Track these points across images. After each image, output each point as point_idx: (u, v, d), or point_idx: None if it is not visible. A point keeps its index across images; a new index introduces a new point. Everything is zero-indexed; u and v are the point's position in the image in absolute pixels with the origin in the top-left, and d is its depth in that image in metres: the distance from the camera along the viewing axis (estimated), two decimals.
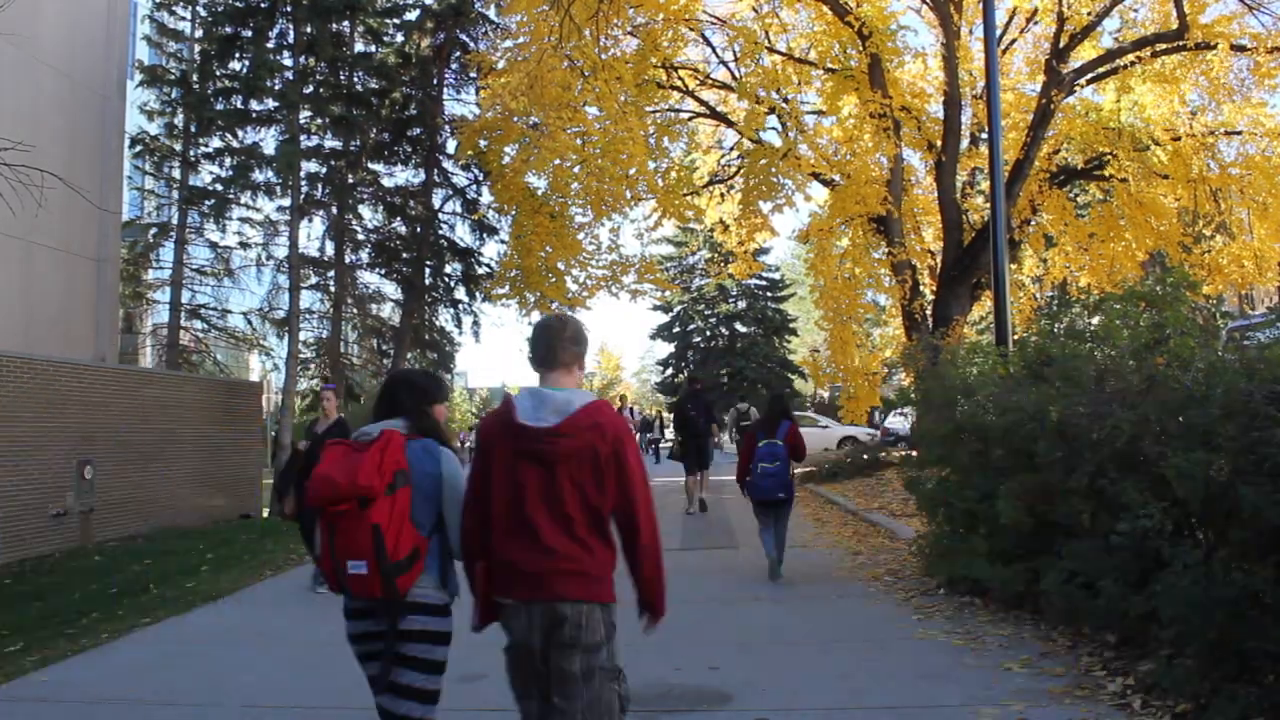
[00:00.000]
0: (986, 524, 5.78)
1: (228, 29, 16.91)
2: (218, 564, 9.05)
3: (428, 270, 18.64)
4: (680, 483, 12.61)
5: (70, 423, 11.30)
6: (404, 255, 18.48)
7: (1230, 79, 14.38)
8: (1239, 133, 14.54)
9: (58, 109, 13.81)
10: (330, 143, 17.94)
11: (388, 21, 18.93)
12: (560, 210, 14.89)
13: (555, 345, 2.73)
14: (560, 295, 15.27)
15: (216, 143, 17.84)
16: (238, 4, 17.00)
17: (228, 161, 17.46)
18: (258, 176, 17.16)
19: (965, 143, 15.78)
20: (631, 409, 25.25)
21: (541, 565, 2.56)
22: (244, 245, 19.04)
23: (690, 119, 17.06)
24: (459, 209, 19.27)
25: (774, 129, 16.02)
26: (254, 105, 17.53)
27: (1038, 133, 14.05)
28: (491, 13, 18.85)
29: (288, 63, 17.38)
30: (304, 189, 17.37)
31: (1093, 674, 4.35)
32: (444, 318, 19.85)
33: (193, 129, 17.78)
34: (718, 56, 16.15)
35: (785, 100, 15.45)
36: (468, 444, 19.12)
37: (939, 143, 14.29)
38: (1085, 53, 14.89)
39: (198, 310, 19.68)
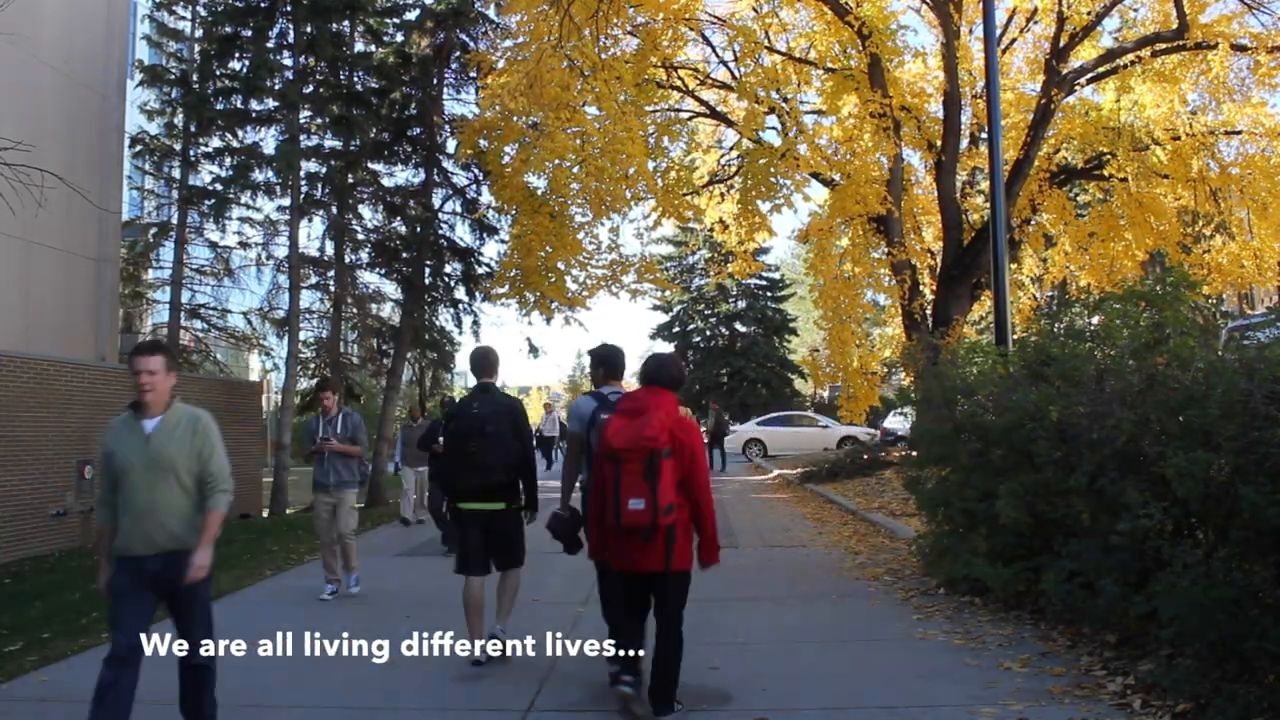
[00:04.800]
0: (986, 524, 5.78)
1: (228, 29, 16.88)
2: (218, 564, 8.93)
3: (427, 270, 18.62)
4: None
5: (70, 423, 11.29)
6: (404, 255, 18.44)
7: (1230, 79, 14.39)
8: (1239, 133, 14.55)
9: (58, 109, 13.80)
10: (330, 143, 17.90)
11: (387, 21, 18.90)
12: (560, 210, 14.89)
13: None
14: (560, 295, 15.27)
15: (216, 142, 17.81)
16: (238, 4, 16.98)
17: (228, 161, 17.43)
18: (258, 176, 17.12)
19: (965, 142, 15.78)
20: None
21: None
22: (244, 245, 19.01)
23: (690, 119, 17.06)
24: (459, 209, 19.25)
25: (774, 129, 16.03)
26: (254, 105, 17.49)
27: (1038, 132, 14.06)
28: (491, 13, 18.82)
29: (288, 62, 17.35)
30: (304, 189, 17.35)
31: (1093, 674, 4.35)
32: (444, 317, 19.82)
33: (193, 129, 17.75)
34: (718, 56, 16.17)
35: (785, 100, 15.45)
36: None
37: (939, 142, 14.30)
38: (1085, 52, 14.90)
39: (198, 310, 19.65)
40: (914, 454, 8.00)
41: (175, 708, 4.56)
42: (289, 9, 16.86)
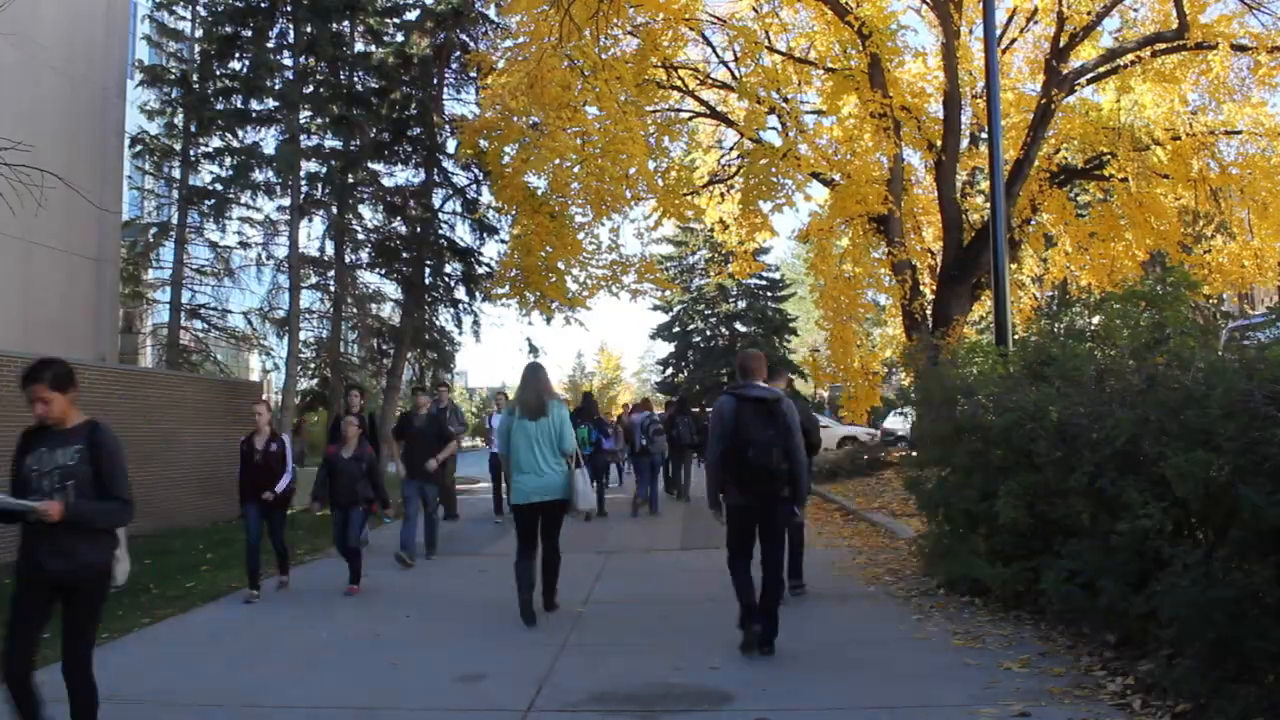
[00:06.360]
0: (986, 524, 5.79)
1: (228, 29, 16.89)
2: (218, 564, 9.04)
3: (428, 270, 18.62)
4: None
5: None
6: (404, 255, 18.45)
7: (1230, 79, 14.36)
8: (1239, 133, 14.53)
9: (58, 109, 13.79)
10: (330, 143, 17.91)
11: (388, 21, 18.90)
12: (560, 210, 14.88)
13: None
14: (560, 295, 15.27)
15: (216, 142, 17.80)
16: (238, 4, 16.98)
17: (228, 161, 17.42)
18: (258, 176, 17.12)
19: (965, 142, 15.76)
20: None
21: None
22: (244, 245, 19.01)
23: (690, 119, 17.05)
24: (459, 209, 19.25)
25: (774, 129, 16.02)
26: (254, 105, 17.49)
27: (1038, 132, 14.05)
28: (491, 13, 18.84)
29: (288, 63, 17.35)
30: (304, 189, 17.35)
31: (1093, 674, 4.35)
32: (444, 318, 19.82)
33: (193, 129, 17.75)
34: (718, 56, 16.15)
35: (785, 100, 15.44)
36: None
37: (939, 142, 14.29)
38: (1085, 52, 14.89)
39: (198, 310, 19.64)
40: (914, 454, 8.01)
41: (176, 708, 4.57)
42: (289, 9, 16.86)
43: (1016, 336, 9.03)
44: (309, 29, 16.63)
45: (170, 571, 8.57)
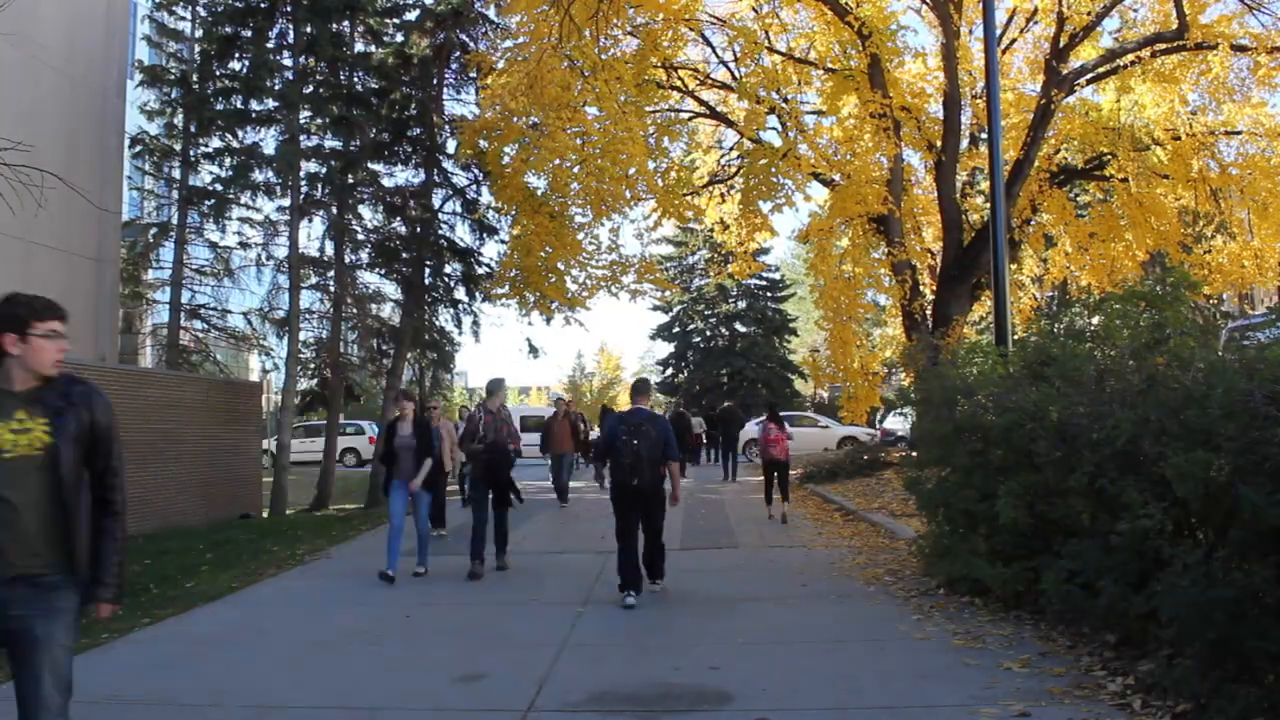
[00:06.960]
0: (986, 524, 5.79)
1: (228, 29, 16.88)
2: (218, 564, 9.04)
3: (428, 270, 18.61)
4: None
5: None
6: (404, 255, 18.43)
7: (1230, 79, 14.39)
8: (1239, 133, 14.55)
9: (58, 109, 13.79)
10: (330, 143, 17.90)
11: (387, 22, 18.88)
12: (560, 210, 14.89)
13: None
14: (560, 295, 15.28)
15: (216, 143, 17.78)
16: (238, 4, 16.97)
17: (228, 161, 17.41)
18: (258, 176, 17.10)
19: (965, 143, 15.78)
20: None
21: None
22: (244, 245, 18.97)
23: (690, 119, 17.06)
24: (459, 209, 19.23)
25: (774, 129, 16.04)
26: (254, 105, 17.48)
27: (1038, 132, 14.06)
28: (491, 13, 18.82)
29: (288, 63, 17.35)
30: (304, 189, 17.34)
31: (1093, 674, 4.35)
32: (444, 318, 19.79)
33: (193, 129, 17.74)
34: (718, 56, 16.16)
35: (785, 100, 15.46)
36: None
37: (939, 142, 14.30)
38: (1085, 52, 14.90)
39: (198, 310, 19.60)
40: (914, 454, 8.01)
41: (175, 708, 4.56)
42: (289, 9, 16.86)
43: (1016, 336, 9.04)
44: (309, 29, 16.63)
45: (170, 571, 8.56)
